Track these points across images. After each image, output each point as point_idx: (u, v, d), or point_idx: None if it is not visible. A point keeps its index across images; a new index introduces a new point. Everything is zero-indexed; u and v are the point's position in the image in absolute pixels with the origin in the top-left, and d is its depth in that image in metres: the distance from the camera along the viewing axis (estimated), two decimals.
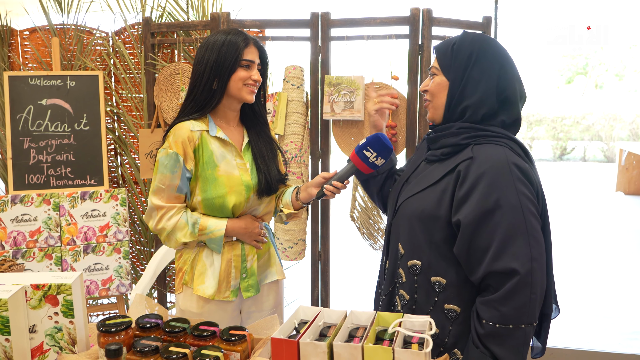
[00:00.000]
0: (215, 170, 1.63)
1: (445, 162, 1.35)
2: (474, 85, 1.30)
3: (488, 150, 1.26)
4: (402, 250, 1.37)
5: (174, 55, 2.76)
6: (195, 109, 1.64)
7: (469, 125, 1.31)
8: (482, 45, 1.31)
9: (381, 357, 1.09)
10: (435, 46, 1.41)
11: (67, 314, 1.33)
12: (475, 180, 1.23)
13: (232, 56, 1.58)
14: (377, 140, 1.49)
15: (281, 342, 1.15)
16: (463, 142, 1.31)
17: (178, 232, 1.62)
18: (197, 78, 1.61)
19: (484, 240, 1.22)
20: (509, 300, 1.20)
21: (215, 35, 1.62)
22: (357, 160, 1.53)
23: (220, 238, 1.63)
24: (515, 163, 1.24)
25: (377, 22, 2.38)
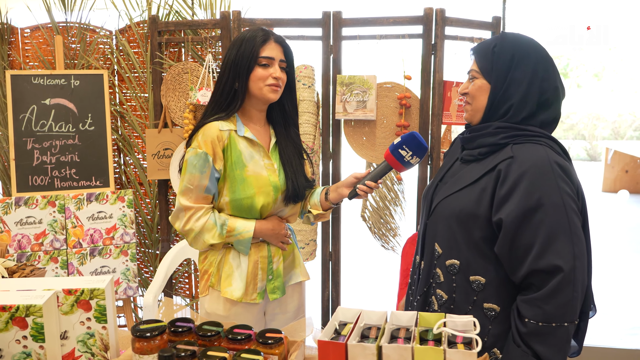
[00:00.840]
0: (244, 170, 1.61)
1: (482, 161, 1.34)
2: (516, 88, 1.30)
3: (529, 150, 1.26)
4: (440, 250, 1.37)
5: (181, 54, 2.72)
6: (221, 109, 1.62)
7: (507, 124, 1.31)
8: (523, 47, 1.31)
9: (432, 358, 1.09)
10: (473, 48, 1.39)
11: (99, 319, 1.30)
12: (516, 179, 1.23)
13: (249, 54, 1.55)
14: (412, 139, 1.49)
15: (328, 345, 1.14)
16: (502, 141, 1.30)
17: (206, 233, 1.59)
18: (219, 78, 1.59)
19: (527, 239, 1.22)
20: (552, 298, 1.20)
21: (240, 34, 1.60)
22: (392, 159, 1.52)
23: (248, 240, 1.61)
24: (557, 162, 1.24)
25: (389, 22, 2.37)
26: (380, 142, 2.47)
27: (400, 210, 2.53)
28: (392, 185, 2.51)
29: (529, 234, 1.21)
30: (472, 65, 1.38)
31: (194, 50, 2.67)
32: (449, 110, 2.44)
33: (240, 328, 1.37)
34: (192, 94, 2.51)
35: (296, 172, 1.70)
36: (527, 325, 1.23)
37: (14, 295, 1.22)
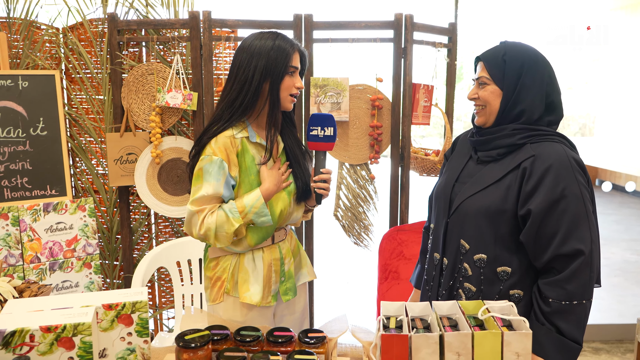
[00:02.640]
0: (258, 176, 1.60)
1: (501, 161, 1.45)
2: (526, 92, 1.42)
3: (548, 147, 1.38)
4: (467, 246, 1.46)
5: (142, 55, 2.60)
6: (237, 113, 1.59)
7: (522, 126, 1.43)
8: (530, 56, 1.43)
9: (490, 342, 1.17)
10: (480, 57, 1.49)
11: (141, 333, 1.24)
12: (542, 174, 1.35)
13: (282, 61, 1.56)
14: (313, 119, 1.60)
15: (392, 338, 1.18)
16: (519, 142, 1.42)
17: (224, 225, 1.54)
18: (243, 84, 1.56)
19: (552, 227, 1.34)
20: (573, 279, 1.34)
21: (259, 40, 1.57)
22: (313, 144, 1.62)
23: (263, 206, 1.58)
24: (573, 157, 1.38)
25: (361, 26, 2.44)
26: (353, 143, 2.54)
27: (373, 208, 2.61)
28: (364, 184, 2.59)
29: (553, 223, 1.34)
30: (480, 72, 1.48)
31: (157, 51, 2.56)
32: (417, 111, 2.56)
33: (280, 331, 1.37)
34: (160, 96, 2.41)
35: (304, 171, 1.72)
36: (551, 305, 1.35)
37: (55, 315, 1.13)
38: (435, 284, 1.58)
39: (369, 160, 2.56)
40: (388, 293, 2.44)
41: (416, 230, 2.48)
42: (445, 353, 1.17)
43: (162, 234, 2.77)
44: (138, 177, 2.53)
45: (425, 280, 1.64)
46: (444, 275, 1.54)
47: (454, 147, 1.69)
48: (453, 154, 1.67)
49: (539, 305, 1.39)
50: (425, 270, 1.65)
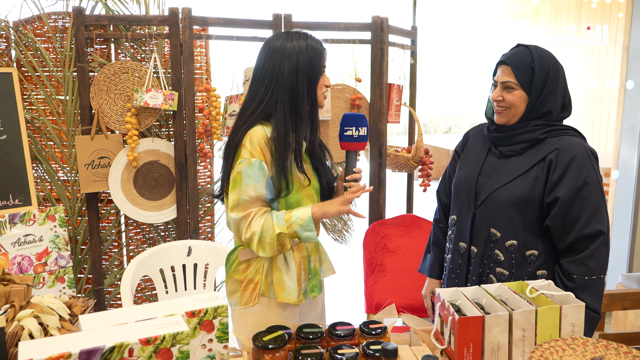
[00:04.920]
0: (292, 177, 1.60)
1: (524, 154, 1.59)
2: (550, 97, 1.56)
3: (569, 141, 1.55)
4: (498, 234, 1.58)
5: (110, 52, 2.44)
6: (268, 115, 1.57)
7: (542, 122, 1.57)
8: (552, 63, 1.58)
9: (550, 316, 1.29)
10: (507, 61, 1.59)
11: (222, 338, 1.22)
12: (566, 165, 1.51)
13: (318, 60, 1.57)
14: (347, 118, 1.60)
15: (467, 320, 1.26)
16: (541, 136, 1.57)
17: (269, 230, 1.52)
18: (286, 85, 1.54)
19: (576, 212, 1.50)
20: (595, 256, 1.51)
21: (290, 41, 1.55)
22: (347, 144, 1.61)
23: (309, 220, 1.54)
24: (590, 149, 1.56)
25: (340, 27, 2.50)
26: (333, 141, 2.59)
27: (353, 204, 2.68)
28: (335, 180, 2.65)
29: (577, 208, 1.50)
30: (507, 76, 1.58)
31: (127, 49, 2.42)
32: (391, 110, 2.68)
33: (341, 325, 1.40)
34: (138, 96, 2.29)
35: (326, 169, 1.74)
36: (576, 281, 1.52)
37: (147, 326, 1.07)
38: (462, 271, 1.69)
39: None
40: (375, 286, 2.52)
41: (398, 224, 2.60)
42: (512, 329, 1.28)
43: (132, 242, 2.62)
44: (112, 182, 2.38)
45: (451, 268, 1.74)
46: (472, 263, 1.65)
47: (465, 142, 1.81)
48: (467, 148, 1.78)
49: (562, 282, 1.55)
50: (450, 260, 1.75)
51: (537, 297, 1.38)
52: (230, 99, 2.48)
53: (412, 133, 3.03)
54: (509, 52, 1.63)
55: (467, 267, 1.68)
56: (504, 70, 1.60)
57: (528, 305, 1.31)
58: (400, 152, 2.79)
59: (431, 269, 1.90)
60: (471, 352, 1.26)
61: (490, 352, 1.27)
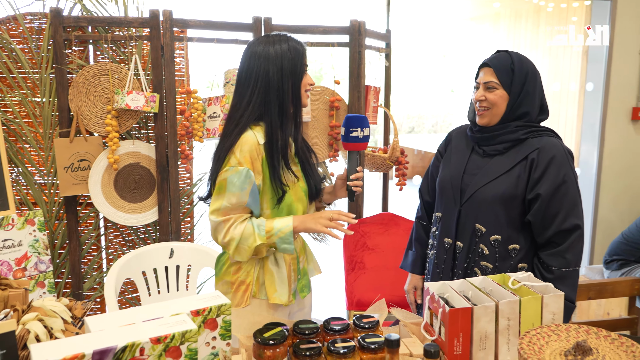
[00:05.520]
0: (285, 177, 1.64)
1: (506, 154, 1.68)
2: (528, 97, 1.66)
3: (548, 141, 1.64)
4: (483, 229, 1.66)
5: (88, 54, 2.42)
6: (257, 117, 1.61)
7: (523, 123, 1.67)
8: (530, 66, 1.68)
9: (533, 305, 1.38)
10: (490, 63, 1.68)
11: (224, 336, 1.25)
12: (547, 163, 1.61)
13: (300, 60, 1.61)
14: (351, 119, 1.66)
15: (457, 311, 1.33)
16: (522, 137, 1.66)
17: (249, 238, 1.55)
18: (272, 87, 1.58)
19: (556, 207, 1.60)
20: (572, 249, 1.61)
21: (272, 45, 1.59)
22: (353, 145, 1.67)
23: (289, 235, 1.58)
24: (567, 149, 1.66)
25: (319, 30, 2.55)
26: (313, 142, 2.64)
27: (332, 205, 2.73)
28: (323, 181, 2.71)
29: (557, 204, 1.60)
30: (489, 77, 1.68)
31: (107, 50, 2.41)
32: (368, 112, 2.75)
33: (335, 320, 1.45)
34: (119, 98, 2.28)
35: (313, 169, 1.78)
36: (554, 272, 1.62)
37: (156, 325, 1.10)
38: (447, 265, 1.77)
39: (328, 158, 2.68)
40: (356, 283, 2.59)
41: (376, 222, 2.67)
42: (499, 319, 1.36)
43: (112, 245, 2.61)
44: (92, 184, 2.36)
45: (435, 263, 1.82)
46: (458, 257, 1.73)
47: (448, 143, 1.89)
48: (450, 148, 1.86)
49: (541, 274, 1.64)
50: (434, 255, 1.83)
51: (519, 289, 1.46)
52: (210, 100, 2.50)
53: (388, 133, 3.11)
54: (491, 56, 1.72)
55: (452, 262, 1.76)
56: (486, 71, 1.70)
57: (512, 296, 1.39)
58: (376, 152, 2.86)
59: (413, 265, 1.97)
60: (461, 341, 1.34)
61: (479, 341, 1.34)
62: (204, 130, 2.49)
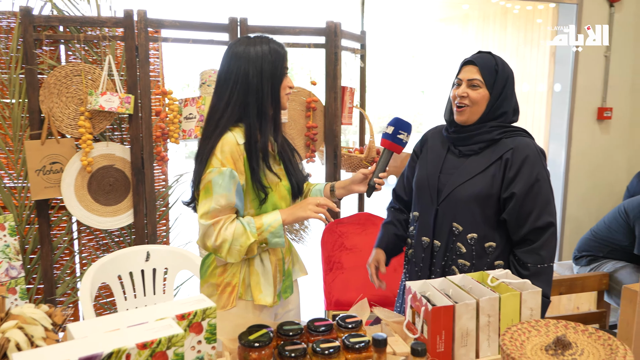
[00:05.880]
0: (266, 179, 1.63)
1: (481, 154, 1.71)
2: (507, 98, 1.70)
3: (522, 141, 1.68)
4: (460, 228, 1.69)
5: (60, 54, 2.36)
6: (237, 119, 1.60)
7: (498, 124, 1.71)
8: (510, 71, 1.72)
9: (512, 302, 1.41)
10: (475, 61, 1.71)
11: (210, 339, 1.24)
12: (521, 162, 1.65)
13: (280, 64, 1.61)
14: (403, 123, 1.72)
15: (439, 309, 1.35)
16: (497, 137, 1.70)
17: (241, 237, 1.55)
18: (251, 89, 1.58)
19: (530, 205, 1.64)
20: (546, 246, 1.66)
21: (253, 46, 1.58)
22: (394, 146, 1.72)
23: (280, 228, 1.60)
24: (539, 148, 1.70)
25: (296, 32, 2.56)
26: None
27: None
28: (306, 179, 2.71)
29: (531, 202, 1.65)
30: (473, 74, 1.69)
31: (79, 50, 2.35)
32: (344, 112, 2.76)
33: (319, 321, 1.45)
34: (93, 99, 2.23)
35: (295, 168, 1.79)
36: (530, 269, 1.66)
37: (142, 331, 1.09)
38: (425, 264, 1.79)
39: (305, 159, 2.69)
40: (334, 283, 2.60)
41: (353, 222, 2.69)
42: (479, 316, 1.39)
43: (85, 249, 2.55)
44: (65, 187, 2.31)
45: (414, 262, 1.84)
46: (435, 256, 1.76)
47: (423, 143, 1.92)
48: (425, 149, 1.89)
49: (517, 271, 1.68)
50: (412, 254, 1.85)
51: (498, 286, 1.49)
52: (186, 101, 2.47)
53: (363, 134, 3.14)
54: (475, 55, 1.75)
55: (430, 260, 1.78)
56: (471, 69, 1.71)
57: (492, 293, 1.42)
58: (353, 152, 2.88)
59: (379, 240, 1.97)
60: (443, 339, 1.36)
61: (460, 338, 1.37)
62: (180, 132, 2.46)
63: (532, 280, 1.64)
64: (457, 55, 9.56)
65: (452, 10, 9.49)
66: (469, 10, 9.13)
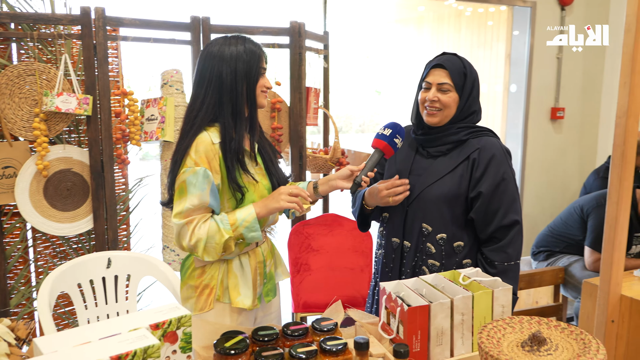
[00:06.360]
0: (242, 179, 1.61)
1: (449, 154, 1.73)
2: (474, 101, 1.73)
3: (488, 141, 1.72)
4: (430, 228, 1.71)
5: (11, 53, 2.24)
6: (212, 119, 1.57)
7: (464, 125, 1.73)
8: (476, 73, 1.75)
9: (484, 300, 1.44)
10: (445, 65, 1.72)
11: (185, 348, 1.21)
12: (488, 162, 1.68)
13: (256, 64, 1.59)
14: (399, 128, 1.70)
15: (415, 309, 1.36)
16: (464, 138, 1.72)
17: (215, 235, 1.52)
18: (225, 88, 1.56)
19: (496, 204, 1.68)
20: (512, 244, 1.70)
21: (228, 46, 1.56)
22: (388, 148, 1.69)
23: (254, 221, 1.56)
24: (505, 148, 1.74)
25: (259, 31, 2.52)
26: None
27: None
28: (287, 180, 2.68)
29: (497, 201, 1.68)
30: (443, 78, 1.71)
31: (32, 49, 2.24)
32: (309, 113, 2.75)
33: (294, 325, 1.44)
34: (49, 100, 2.13)
35: (277, 168, 1.77)
36: (497, 267, 1.70)
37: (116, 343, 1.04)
38: (396, 265, 1.80)
39: None
40: (301, 285, 2.58)
41: (320, 223, 2.68)
42: (454, 314, 1.41)
43: (42, 257, 2.43)
44: (19, 193, 2.19)
45: (384, 263, 1.85)
46: (406, 257, 1.77)
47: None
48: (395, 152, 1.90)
49: (485, 269, 1.72)
50: (382, 255, 1.86)
51: (470, 284, 1.52)
52: (148, 102, 2.40)
53: (327, 134, 3.13)
54: (442, 57, 1.75)
55: (400, 261, 1.79)
56: (440, 72, 1.72)
57: (465, 291, 1.44)
58: (317, 153, 2.88)
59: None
60: (419, 338, 1.37)
61: (436, 337, 1.38)
62: (142, 134, 2.39)
63: (500, 277, 1.68)
64: (413, 56, 9.73)
65: (408, 11, 9.64)
66: (424, 12, 9.30)
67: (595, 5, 4.14)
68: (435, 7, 8.74)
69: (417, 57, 9.60)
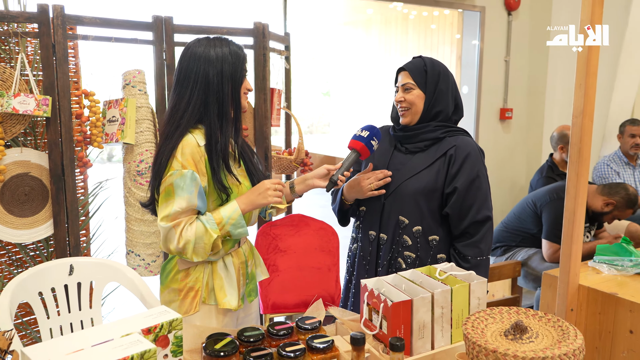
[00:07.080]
0: (227, 180, 1.60)
1: (427, 151, 1.80)
2: (442, 95, 1.80)
3: (464, 140, 1.79)
4: (406, 220, 1.76)
5: None
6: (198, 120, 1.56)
7: (441, 124, 1.80)
8: (442, 67, 1.82)
9: (462, 293, 1.50)
10: (406, 67, 1.80)
11: (176, 352, 1.20)
12: (463, 159, 1.75)
13: (241, 66, 1.60)
14: (376, 130, 1.77)
15: (399, 304, 1.40)
16: (440, 135, 1.79)
17: (204, 236, 1.52)
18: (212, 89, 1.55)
19: (471, 200, 1.75)
20: (484, 239, 1.78)
21: (212, 48, 1.56)
22: (365, 150, 1.75)
23: (240, 218, 1.57)
24: (479, 147, 1.82)
25: (223, 32, 2.50)
26: None
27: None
28: None
29: (471, 197, 1.76)
30: (405, 80, 1.80)
31: None
32: (273, 114, 2.75)
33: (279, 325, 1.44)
34: (5, 101, 2.03)
35: (256, 169, 1.78)
36: (470, 262, 1.77)
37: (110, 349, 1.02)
38: (372, 257, 1.85)
39: None
40: (270, 286, 2.58)
41: (287, 224, 2.68)
42: (434, 308, 1.46)
43: None
44: None
45: (361, 256, 1.89)
46: (382, 249, 1.82)
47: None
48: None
49: (458, 263, 1.79)
50: (359, 248, 1.90)
51: (447, 278, 1.58)
52: (110, 103, 2.33)
53: (290, 135, 3.14)
54: (407, 62, 1.83)
55: (377, 253, 1.84)
56: (403, 75, 1.82)
57: (443, 285, 1.50)
58: (282, 154, 2.88)
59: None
60: (402, 333, 1.41)
61: (418, 330, 1.43)
62: (103, 135, 2.32)
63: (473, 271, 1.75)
64: (361, 58, 9.88)
65: (357, 14, 9.79)
66: (373, 15, 9.48)
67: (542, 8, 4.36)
68: (383, 10, 8.92)
69: (366, 59, 9.77)
